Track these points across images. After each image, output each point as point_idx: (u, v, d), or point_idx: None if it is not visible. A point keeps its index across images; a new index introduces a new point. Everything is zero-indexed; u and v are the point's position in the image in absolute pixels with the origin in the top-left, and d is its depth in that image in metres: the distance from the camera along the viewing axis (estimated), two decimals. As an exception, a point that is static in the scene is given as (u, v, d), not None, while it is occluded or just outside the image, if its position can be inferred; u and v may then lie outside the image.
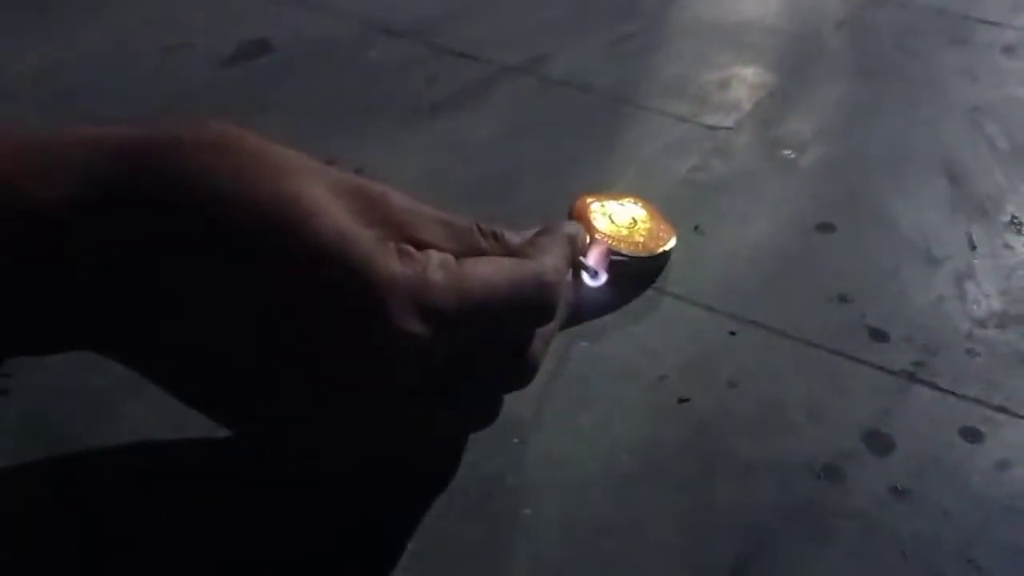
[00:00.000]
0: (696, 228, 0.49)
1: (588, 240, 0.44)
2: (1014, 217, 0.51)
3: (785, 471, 0.35)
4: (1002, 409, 0.39)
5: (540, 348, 0.33)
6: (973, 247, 0.49)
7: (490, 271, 0.30)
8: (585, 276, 0.43)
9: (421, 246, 0.30)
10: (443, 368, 0.30)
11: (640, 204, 0.48)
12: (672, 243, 0.47)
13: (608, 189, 0.50)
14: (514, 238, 0.34)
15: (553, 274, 0.33)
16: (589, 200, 0.48)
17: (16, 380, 0.37)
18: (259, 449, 0.32)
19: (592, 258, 0.43)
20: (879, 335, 0.42)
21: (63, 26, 0.67)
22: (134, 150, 0.27)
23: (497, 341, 0.31)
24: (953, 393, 0.39)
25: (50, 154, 0.26)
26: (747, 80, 0.65)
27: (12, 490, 0.33)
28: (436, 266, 0.29)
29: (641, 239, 0.46)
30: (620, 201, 0.48)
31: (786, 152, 0.57)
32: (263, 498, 0.33)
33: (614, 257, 0.45)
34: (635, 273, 0.46)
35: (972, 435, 0.37)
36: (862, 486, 0.35)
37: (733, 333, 0.43)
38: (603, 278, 0.44)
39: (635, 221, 0.47)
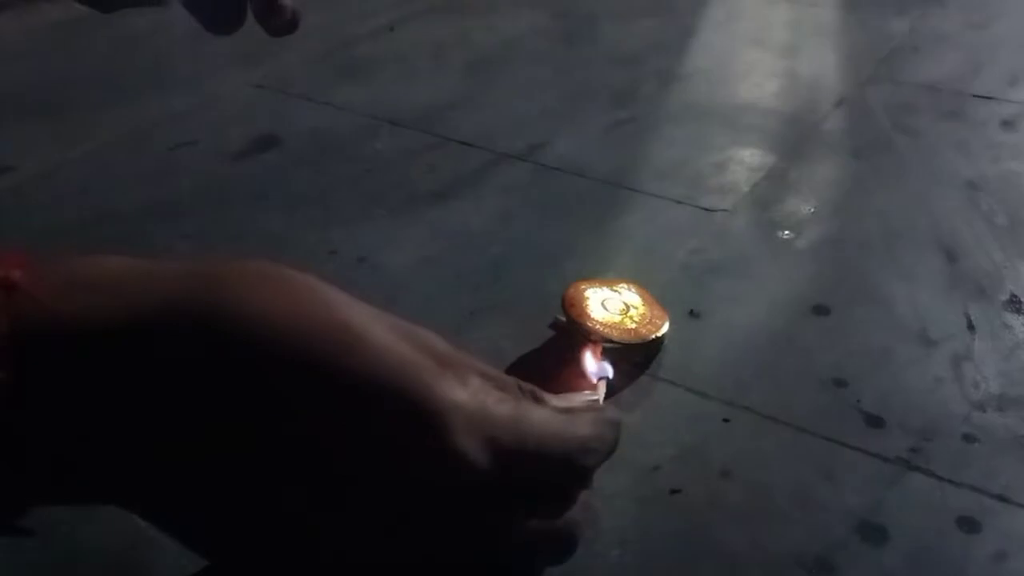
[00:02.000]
0: (691, 312, 0.50)
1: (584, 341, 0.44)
2: (1013, 296, 0.51)
3: (775, 564, 0.35)
4: (1001, 497, 0.38)
5: (581, 518, 0.32)
6: (971, 327, 0.48)
7: (545, 419, 0.30)
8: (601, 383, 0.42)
9: None
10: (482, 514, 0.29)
11: (634, 290, 0.49)
12: (665, 329, 0.47)
13: (602, 274, 0.51)
14: (552, 400, 0.34)
15: (596, 442, 0.32)
16: (582, 287, 0.48)
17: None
18: None
19: (598, 364, 0.43)
20: (874, 420, 0.42)
21: (72, 126, 0.70)
22: (169, 280, 0.26)
23: (541, 496, 0.31)
24: (950, 481, 0.39)
25: (89, 285, 0.25)
26: (744, 162, 0.65)
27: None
28: (497, 400, 0.29)
29: (634, 325, 0.46)
30: (613, 287, 0.49)
31: (783, 233, 0.57)
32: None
33: (606, 344, 0.45)
34: (628, 359, 0.46)
35: (969, 525, 0.36)
36: (854, 580, 0.34)
37: (727, 420, 0.42)
38: (610, 373, 0.43)
39: (628, 307, 0.47)
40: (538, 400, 0.32)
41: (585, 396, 0.36)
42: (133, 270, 0.26)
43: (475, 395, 0.28)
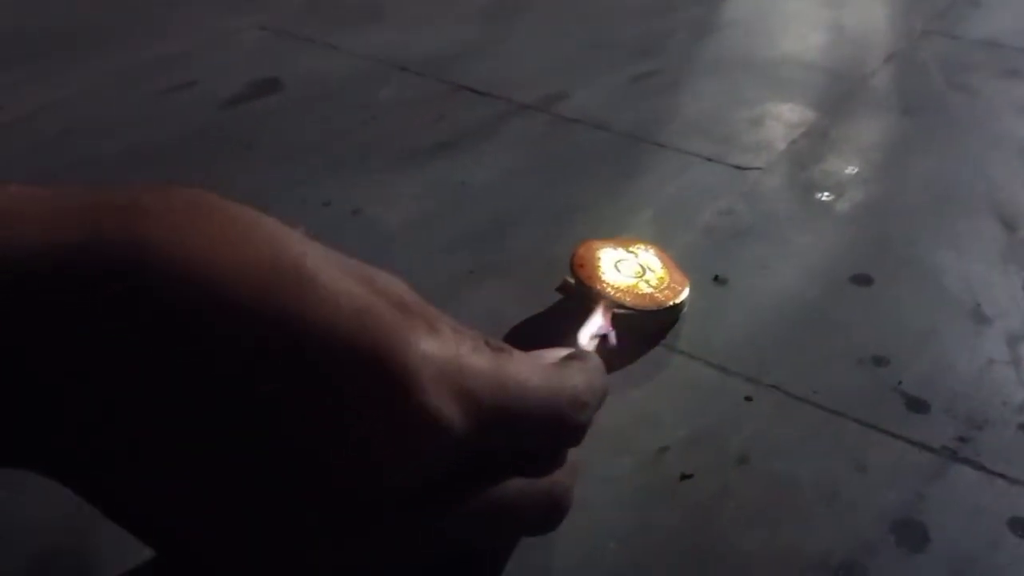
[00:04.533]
0: (716, 279, 0.45)
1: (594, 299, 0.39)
2: (1079, 269, 0.45)
3: (794, 567, 0.30)
4: (1062, 497, 0.33)
5: (570, 482, 0.28)
6: (1031, 303, 0.43)
7: (530, 369, 0.26)
8: (593, 340, 0.38)
9: None
10: (462, 477, 0.25)
11: (652, 251, 0.44)
12: (685, 295, 0.42)
13: (619, 234, 0.46)
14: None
15: (587, 394, 0.28)
16: (595, 246, 0.43)
17: None
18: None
19: (598, 323, 0.38)
20: (917, 405, 0.37)
21: (62, 65, 0.66)
22: (79, 212, 0.21)
23: (526, 457, 0.27)
24: (1003, 476, 0.34)
25: None
26: (782, 118, 0.60)
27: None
28: (471, 349, 0.25)
29: (650, 290, 0.42)
30: (629, 248, 0.44)
31: (821, 195, 0.52)
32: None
33: (617, 310, 0.40)
34: (641, 328, 0.41)
35: (1025, 529, 0.32)
36: (888, 590, 0.30)
37: (749, 399, 0.38)
38: (614, 341, 0.39)
39: (644, 270, 0.43)
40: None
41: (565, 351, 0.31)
42: (32, 200, 0.21)
43: (447, 344, 0.24)
